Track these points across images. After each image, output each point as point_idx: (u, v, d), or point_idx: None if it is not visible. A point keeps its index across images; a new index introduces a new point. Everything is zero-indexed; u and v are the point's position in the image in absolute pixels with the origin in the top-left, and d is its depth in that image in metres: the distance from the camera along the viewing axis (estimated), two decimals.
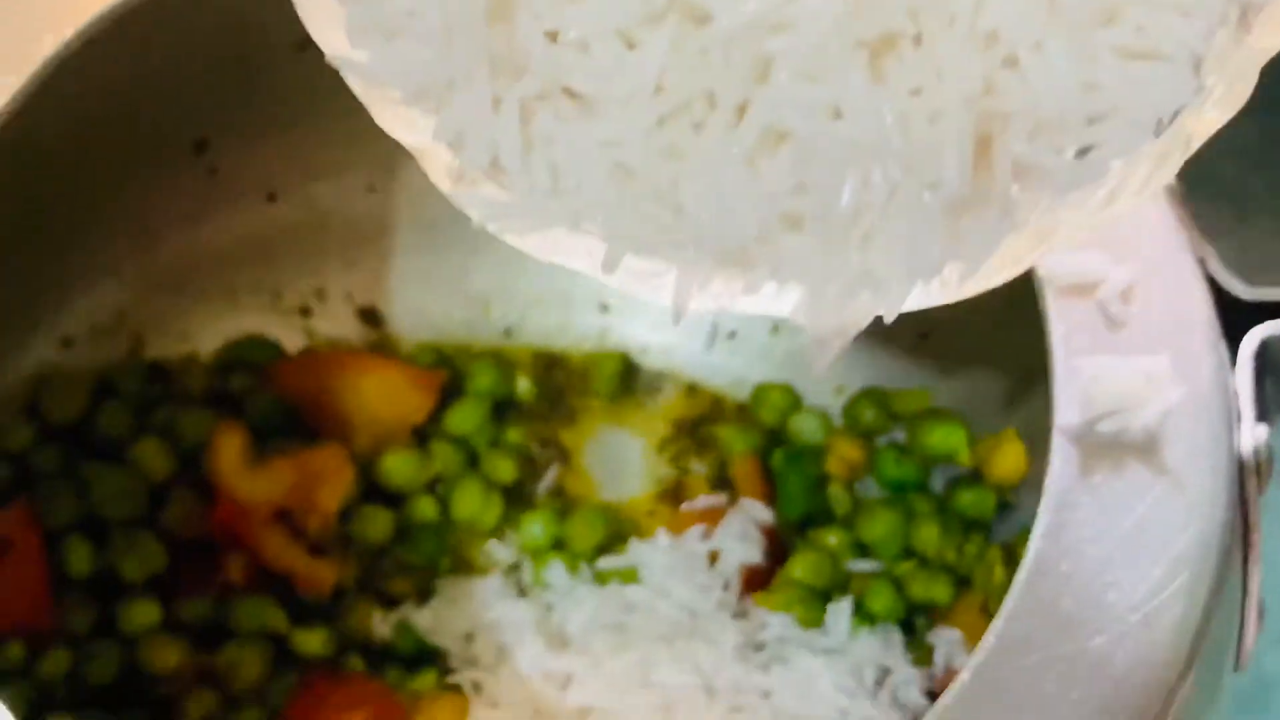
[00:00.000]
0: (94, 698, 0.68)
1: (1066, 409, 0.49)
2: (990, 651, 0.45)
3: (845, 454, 0.77)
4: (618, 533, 0.77)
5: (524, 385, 0.82)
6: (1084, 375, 0.50)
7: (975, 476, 0.74)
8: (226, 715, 0.69)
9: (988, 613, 0.71)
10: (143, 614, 0.70)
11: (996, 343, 0.75)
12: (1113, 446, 0.49)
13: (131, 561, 0.70)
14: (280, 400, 0.76)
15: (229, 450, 0.72)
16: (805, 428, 0.78)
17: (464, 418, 0.78)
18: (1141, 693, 0.45)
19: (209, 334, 0.80)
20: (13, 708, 0.45)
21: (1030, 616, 0.46)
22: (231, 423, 0.74)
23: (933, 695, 0.70)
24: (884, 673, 0.70)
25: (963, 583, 0.73)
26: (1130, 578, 0.46)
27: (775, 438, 0.79)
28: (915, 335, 0.78)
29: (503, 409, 0.81)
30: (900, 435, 0.77)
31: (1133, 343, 0.51)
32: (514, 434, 0.80)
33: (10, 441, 0.73)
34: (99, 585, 0.71)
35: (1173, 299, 0.52)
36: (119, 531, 0.71)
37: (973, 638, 0.71)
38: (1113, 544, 0.47)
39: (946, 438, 0.74)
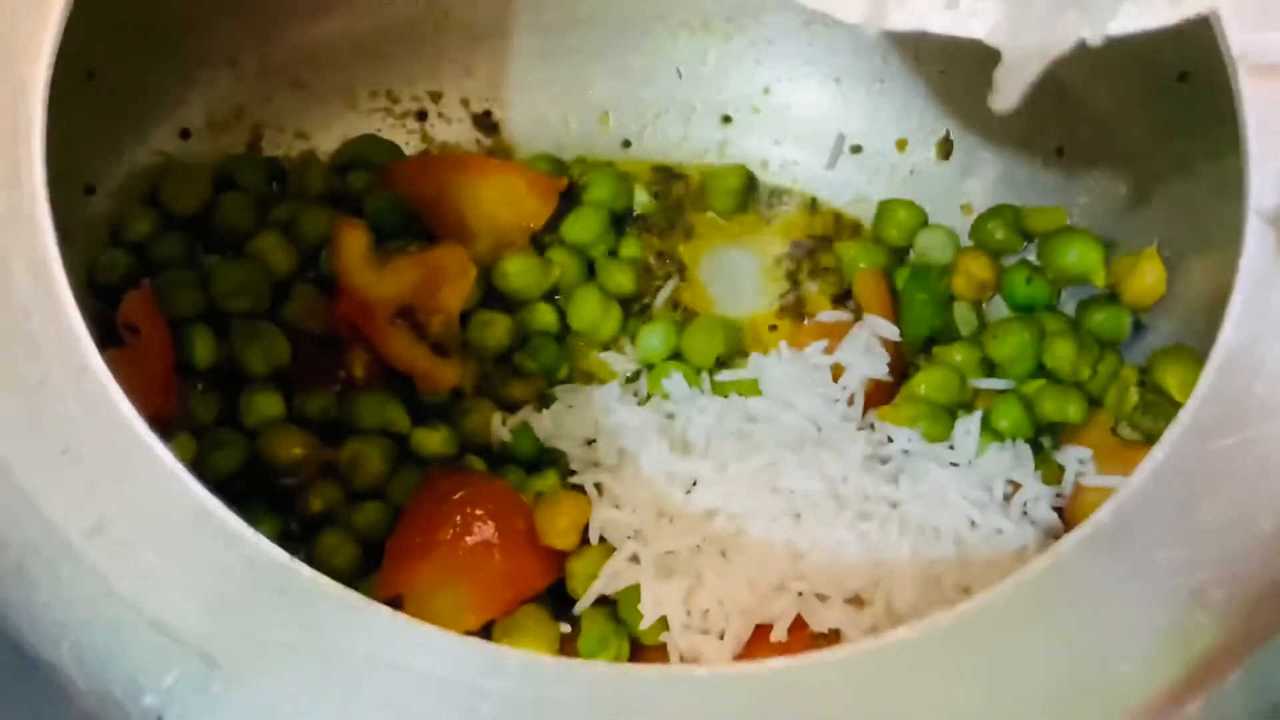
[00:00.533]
0: (218, 487, 0.67)
1: (1262, 190, 0.47)
2: (1183, 433, 0.44)
3: (973, 272, 0.75)
4: (736, 347, 0.76)
5: (642, 198, 0.80)
6: None
7: (1110, 296, 0.72)
8: (349, 508, 0.68)
9: (1118, 434, 0.70)
10: (266, 405, 0.69)
11: (1136, 159, 0.73)
12: None
13: (255, 353, 0.69)
14: (401, 200, 0.75)
15: (353, 246, 0.71)
16: (932, 245, 0.77)
17: (583, 227, 0.77)
18: None
19: (327, 133, 0.79)
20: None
21: (1224, 400, 0.44)
22: (354, 219, 0.72)
23: (1061, 512, 0.69)
24: (1013, 487, 0.69)
25: (1094, 403, 0.71)
26: None
27: (899, 256, 0.78)
28: (1051, 150, 0.76)
29: (620, 221, 0.80)
30: (1031, 255, 0.75)
31: None
32: (632, 246, 0.79)
33: (132, 231, 0.72)
34: (223, 377, 0.70)
35: None
36: (241, 324, 0.70)
37: (1102, 457, 0.69)
38: None
39: (1082, 257, 0.72)
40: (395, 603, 0.64)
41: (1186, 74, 0.66)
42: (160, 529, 0.41)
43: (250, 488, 0.68)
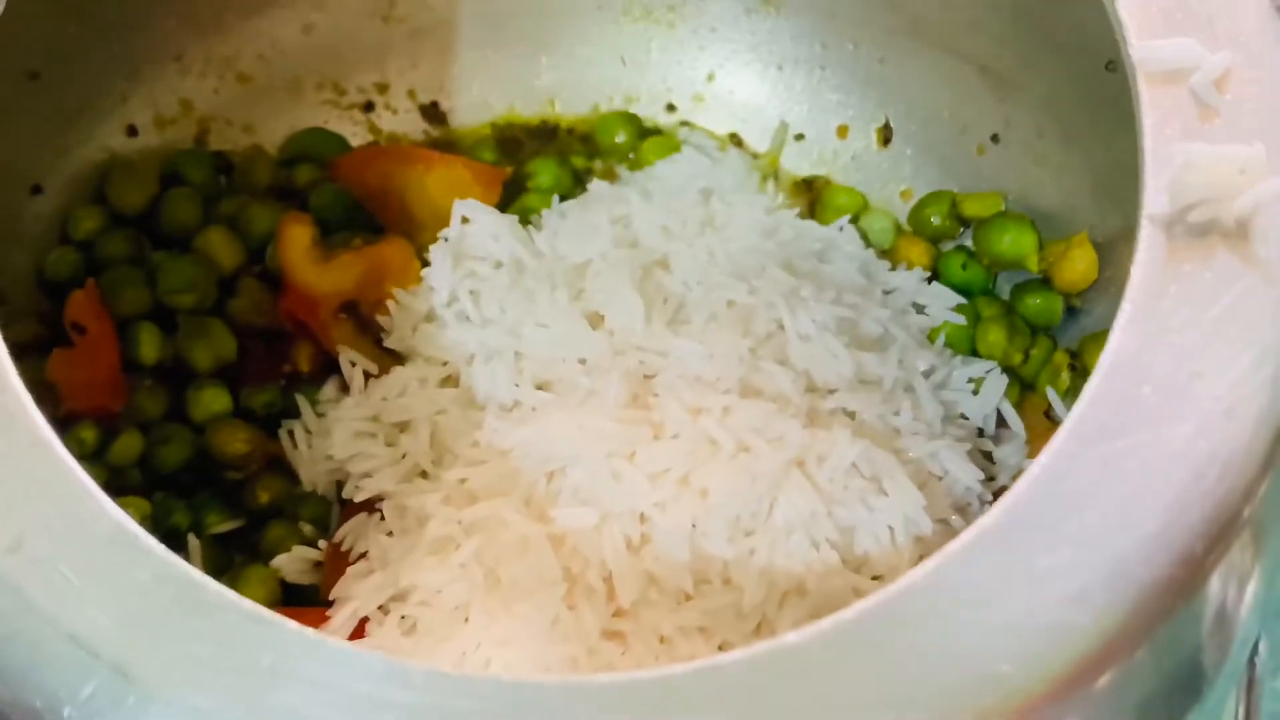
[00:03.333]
0: (165, 482, 0.69)
1: (1156, 197, 0.48)
2: (1068, 437, 0.45)
3: (911, 258, 0.76)
4: None
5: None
6: (1175, 163, 0.48)
7: (1043, 281, 0.73)
8: (295, 501, 0.69)
9: (1051, 418, 0.71)
10: (212, 400, 0.70)
11: (1070, 145, 0.74)
12: (1203, 236, 0.48)
13: (201, 349, 0.71)
14: (345, 193, 0.76)
15: (297, 240, 0.72)
16: (873, 229, 0.78)
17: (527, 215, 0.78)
18: (1221, 484, 0.45)
19: (273, 127, 0.80)
20: None
21: (1112, 403, 0.45)
22: (298, 213, 0.74)
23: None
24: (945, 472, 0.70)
25: (1027, 388, 0.73)
26: (1216, 367, 0.46)
27: None
28: (987, 136, 0.77)
29: None
30: (968, 240, 0.76)
31: (1226, 131, 0.49)
32: None
33: (79, 229, 0.73)
34: (170, 373, 0.71)
35: (1268, 88, 0.50)
36: (187, 320, 0.71)
37: (1036, 441, 0.71)
38: (1199, 333, 0.46)
39: (1016, 241, 0.73)
40: None
41: (1113, 63, 0.67)
42: (77, 546, 0.42)
43: (198, 481, 0.70)
